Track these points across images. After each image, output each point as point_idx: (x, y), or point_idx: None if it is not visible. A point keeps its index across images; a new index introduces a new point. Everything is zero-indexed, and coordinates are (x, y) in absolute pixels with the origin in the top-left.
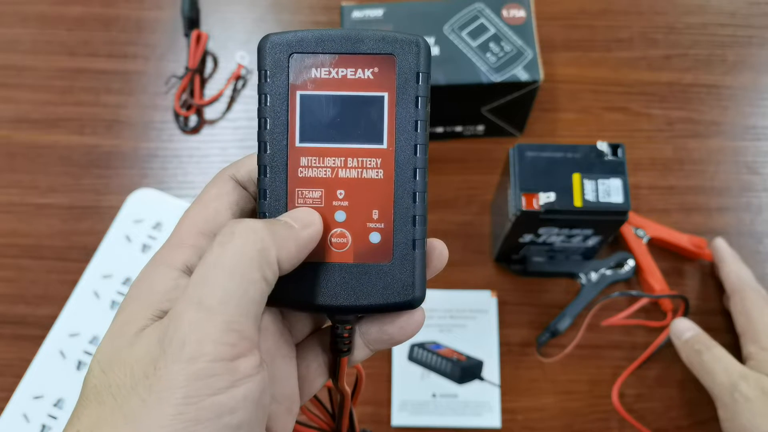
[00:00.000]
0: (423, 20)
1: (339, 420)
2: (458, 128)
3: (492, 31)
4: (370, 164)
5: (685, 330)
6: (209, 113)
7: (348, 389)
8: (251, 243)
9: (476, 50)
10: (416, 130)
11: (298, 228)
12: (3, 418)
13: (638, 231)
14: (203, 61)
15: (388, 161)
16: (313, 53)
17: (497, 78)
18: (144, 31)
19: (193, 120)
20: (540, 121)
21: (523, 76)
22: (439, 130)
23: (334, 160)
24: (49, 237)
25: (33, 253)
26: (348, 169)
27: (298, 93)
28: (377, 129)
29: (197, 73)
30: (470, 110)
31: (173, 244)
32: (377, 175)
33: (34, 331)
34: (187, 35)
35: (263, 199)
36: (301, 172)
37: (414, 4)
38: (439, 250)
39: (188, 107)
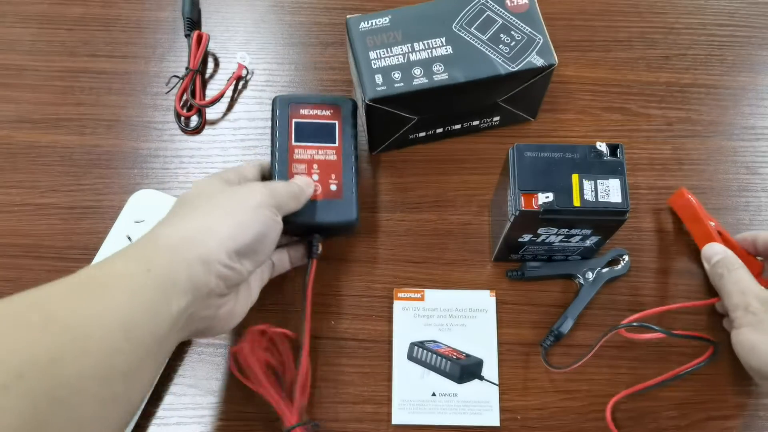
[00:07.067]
0: (430, 22)
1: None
2: (475, 122)
3: (499, 22)
4: (329, 153)
5: (713, 254)
6: (210, 114)
7: (310, 293)
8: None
9: (488, 43)
10: (352, 137)
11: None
12: None
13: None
14: (204, 62)
15: (338, 151)
16: (300, 103)
17: (513, 67)
18: (145, 32)
19: (194, 120)
20: (540, 121)
21: (539, 61)
22: (456, 127)
23: (311, 151)
24: (49, 237)
25: (33, 253)
26: (318, 155)
27: (293, 120)
28: (333, 136)
29: (198, 74)
30: (488, 102)
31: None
32: (333, 158)
33: None
34: (188, 36)
35: (275, 169)
36: (295, 156)
37: (419, 7)
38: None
39: (189, 108)
